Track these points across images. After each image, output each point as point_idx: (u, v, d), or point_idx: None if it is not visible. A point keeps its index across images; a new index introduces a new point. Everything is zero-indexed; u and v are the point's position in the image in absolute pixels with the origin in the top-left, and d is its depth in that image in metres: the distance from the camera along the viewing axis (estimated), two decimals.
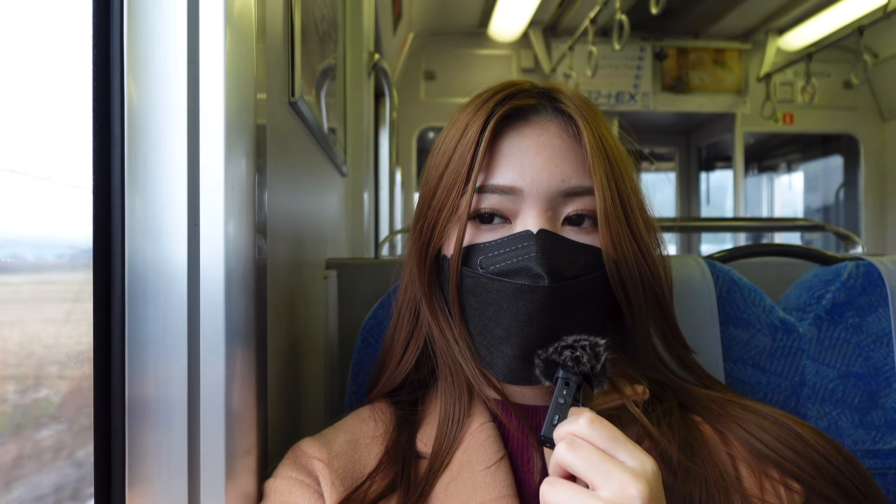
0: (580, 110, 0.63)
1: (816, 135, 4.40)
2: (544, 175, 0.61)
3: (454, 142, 0.64)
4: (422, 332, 0.70)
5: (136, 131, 0.57)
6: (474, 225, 0.63)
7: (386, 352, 0.73)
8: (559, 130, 0.63)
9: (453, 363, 0.67)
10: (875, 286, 0.87)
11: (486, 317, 0.61)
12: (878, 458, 0.85)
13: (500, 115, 0.62)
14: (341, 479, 0.61)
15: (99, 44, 0.56)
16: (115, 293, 0.57)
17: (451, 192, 0.62)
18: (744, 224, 2.61)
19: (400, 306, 0.72)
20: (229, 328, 0.58)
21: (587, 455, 0.48)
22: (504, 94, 0.64)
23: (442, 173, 0.64)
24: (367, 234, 1.89)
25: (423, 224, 0.66)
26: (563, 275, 0.58)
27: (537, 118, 0.64)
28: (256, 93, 0.61)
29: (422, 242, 0.66)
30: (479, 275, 0.60)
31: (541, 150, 0.61)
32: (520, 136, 0.62)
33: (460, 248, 0.62)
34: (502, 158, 0.62)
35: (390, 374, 0.71)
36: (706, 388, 0.69)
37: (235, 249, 0.59)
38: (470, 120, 0.63)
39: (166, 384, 0.57)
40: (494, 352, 0.61)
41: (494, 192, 0.61)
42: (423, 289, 0.67)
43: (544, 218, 0.60)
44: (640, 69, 3.91)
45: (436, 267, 0.67)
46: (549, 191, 0.61)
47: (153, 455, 0.56)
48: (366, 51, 1.82)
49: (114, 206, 0.57)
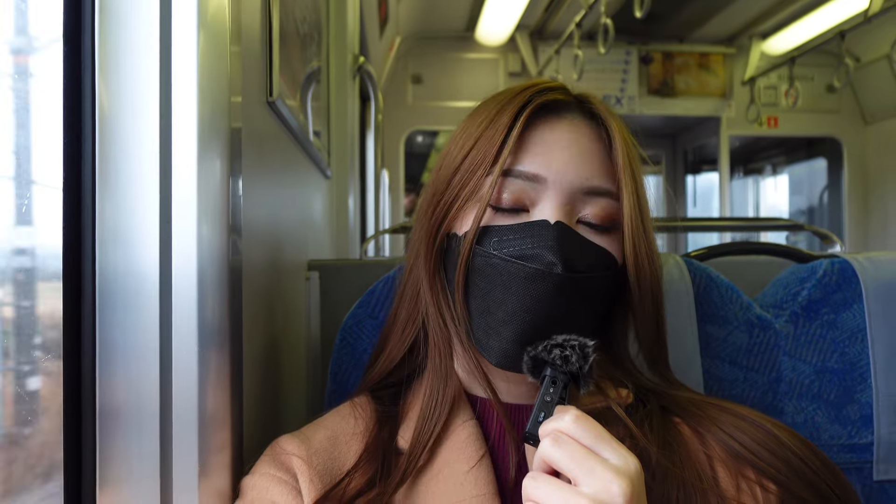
0: (613, 118, 0.66)
1: (800, 138, 4.45)
2: (570, 168, 0.62)
3: (483, 126, 0.65)
4: (420, 314, 0.70)
5: (107, 133, 0.57)
6: (491, 210, 0.63)
7: (388, 329, 0.73)
8: (589, 131, 0.65)
9: (444, 346, 0.67)
10: (849, 283, 0.88)
11: (491, 298, 0.61)
12: (854, 453, 0.86)
13: (536, 104, 0.63)
14: (320, 476, 0.61)
15: (69, 45, 0.56)
16: (86, 296, 0.56)
17: (476, 171, 0.63)
18: (726, 224, 2.63)
19: (404, 285, 0.72)
20: (202, 329, 0.58)
21: (572, 451, 0.48)
22: (540, 87, 0.66)
23: (466, 154, 0.65)
24: (353, 237, 1.89)
25: (438, 202, 0.66)
26: (576, 267, 0.59)
27: (570, 115, 0.65)
28: (231, 95, 0.61)
29: (434, 221, 0.66)
30: (492, 254, 0.60)
31: (570, 146, 0.63)
32: (551, 130, 0.64)
33: (478, 225, 0.62)
34: (532, 146, 0.63)
35: (389, 353, 0.71)
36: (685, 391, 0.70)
37: (209, 251, 0.59)
38: (501, 108, 0.64)
39: (138, 386, 0.56)
40: (492, 334, 0.61)
41: (519, 177, 0.62)
42: (427, 267, 0.67)
43: (563, 211, 0.61)
44: (627, 73, 3.95)
45: (443, 247, 0.67)
46: (573, 185, 0.62)
47: (124, 455, 0.56)
48: (350, 53, 1.82)
49: (84, 209, 0.56)
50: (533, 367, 0.57)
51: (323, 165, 1.36)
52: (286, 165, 0.97)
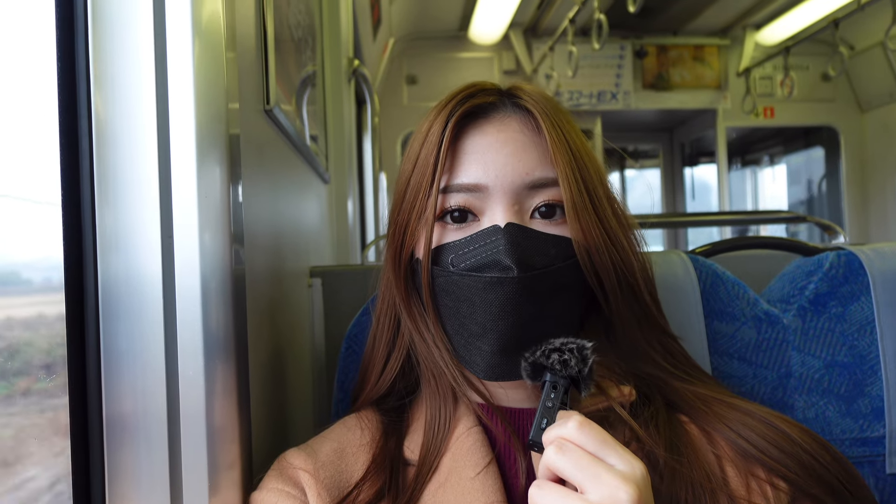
0: (539, 104, 0.64)
1: (797, 128, 4.45)
2: (508, 170, 0.61)
3: (418, 145, 0.65)
4: (404, 339, 0.69)
5: (104, 144, 0.56)
6: (442, 225, 0.63)
7: (367, 361, 0.72)
8: (520, 125, 0.64)
9: (435, 368, 0.66)
10: (856, 275, 0.88)
11: (461, 314, 0.61)
12: (866, 447, 0.85)
13: (460, 114, 0.63)
14: (328, 490, 0.60)
15: (63, 55, 0.55)
16: (89, 309, 0.55)
17: (419, 194, 0.63)
18: (727, 218, 2.63)
19: (379, 314, 0.71)
20: (207, 340, 0.57)
21: (577, 459, 0.47)
22: (464, 95, 0.65)
23: (409, 177, 0.65)
24: (353, 241, 1.88)
25: (395, 229, 0.67)
26: (533, 265, 0.58)
27: (497, 115, 0.64)
28: (228, 102, 0.61)
29: (395, 247, 0.66)
30: (450, 272, 0.61)
31: (503, 146, 0.62)
32: (481, 134, 0.63)
33: (429, 248, 0.62)
34: (465, 157, 0.63)
35: (373, 385, 0.70)
36: (691, 378, 0.68)
37: (212, 260, 0.58)
38: (433, 122, 0.64)
39: (144, 399, 0.55)
40: (472, 349, 0.61)
41: (460, 191, 0.62)
42: (400, 294, 0.67)
43: (511, 212, 0.61)
44: (621, 68, 3.94)
45: (410, 270, 0.66)
46: (514, 185, 0.61)
47: (133, 472, 0.55)
48: (345, 57, 1.81)
49: (84, 221, 0.55)
50: (532, 372, 0.56)
51: (321, 170, 1.35)
52: (285, 171, 0.96)
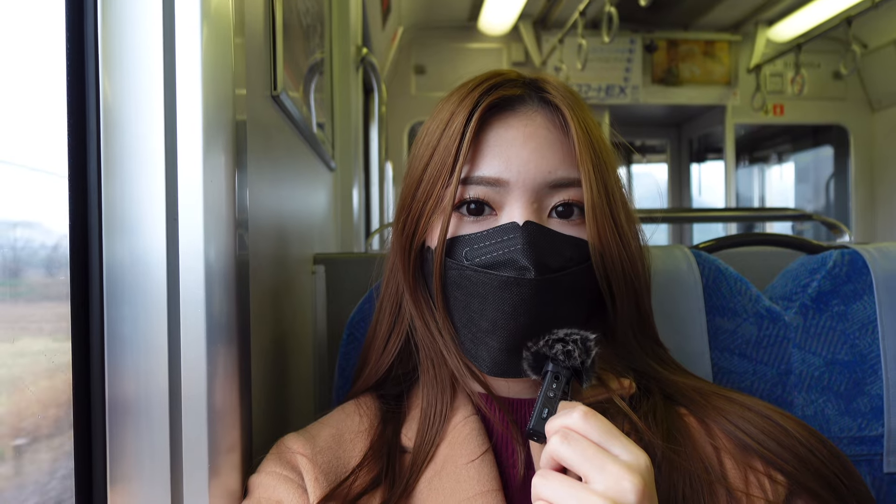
0: (567, 101, 0.62)
1: (807, 126, 4.42)
2: (531, 166, 0.60)
3: (439, 132, 0.63)
4: (404, 324, 0.69)
5: (111, 127, 0.56)
6: (459, 216, 0.62)
7: (368, 344, 0.73)
8: (545, 121, 0.62)
9: (436, 356, 0.66)
10: (860, 274, 0.87)
11: (472, 309, 0.60)
12: (864, 445, 0.86)
13: (485, 106, 0.61)
14: (325, 475, 0.60)
15: (72, 37, 0.55)
16: (94, 291, 0.56)
17: (437, 183, 0.62)
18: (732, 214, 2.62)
19: (382, 298, 0.71)
20: (210, 325, 0.57)
21: (582, 448, 0.47)
22: (490, 84, 0.63)
23: (426, 164, 0.63)
24: (358, 229, 1.88)
25: (406, 216, 0.65)
26: (550, 267, 0.58)
27: (523, 108, 0.63)
28: (235, 88, 0.61)
29: (406, 234, 0.65)
30: (464, 266, 0.60)
31: (527, 141, 0.61)
32: (506, 127, 0.62)
33: (444, 239, 0.61)
34: (488, 149, 0.61)
35: (373, 367, 0.71)
36: (687, 376, 0.69)
37: (216, 245, 0.58)
38: (455, 110, 0.62)
39: (147, 382, 0.56)
40: (480, 344, 0.61)
41: (480, 183, 0.61)
42: (406, 281, 0.67)
43: (530, 210, 0.60)
44: (631, 62, 3.91)
45: (420, 259, 0.66)
46: (536, 182, 0.60)
47: (135, 453, 0.56)
48: (353, 45, 1.81)
49: (90, 203, 0.56)
50: (534, 362, 0.57)
51: (327, 158, 1.35)
52: (291, 158, 0.96)
